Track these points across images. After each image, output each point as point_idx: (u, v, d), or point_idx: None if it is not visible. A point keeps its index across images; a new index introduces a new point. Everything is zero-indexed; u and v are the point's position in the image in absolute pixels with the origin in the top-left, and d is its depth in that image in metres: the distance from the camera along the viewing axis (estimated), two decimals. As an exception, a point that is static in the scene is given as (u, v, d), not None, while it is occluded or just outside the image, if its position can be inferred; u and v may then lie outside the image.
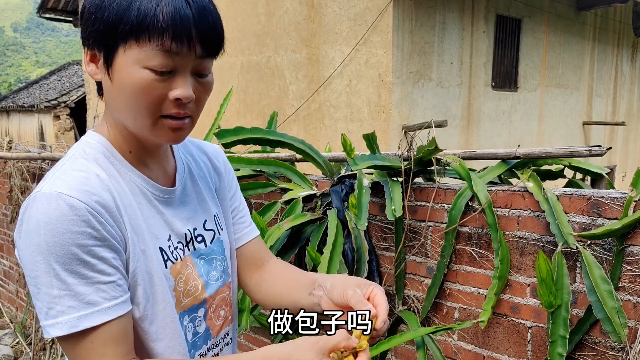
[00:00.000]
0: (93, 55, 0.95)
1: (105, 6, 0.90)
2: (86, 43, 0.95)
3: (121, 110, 0.97)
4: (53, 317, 0.89)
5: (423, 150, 2.18)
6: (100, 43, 0.92)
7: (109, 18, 0.89)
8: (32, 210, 0.89)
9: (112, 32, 0.90)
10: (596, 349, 1.85)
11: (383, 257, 2.43)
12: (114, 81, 0.94)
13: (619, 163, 9.85)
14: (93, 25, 0.91)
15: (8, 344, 5.43)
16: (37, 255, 0.88)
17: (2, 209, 5.96)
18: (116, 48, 0.91)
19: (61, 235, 0.87)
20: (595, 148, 2.05)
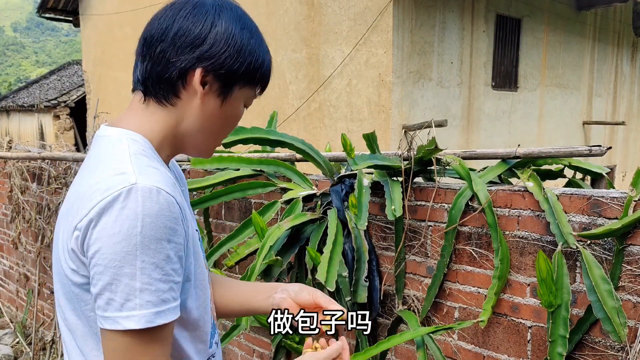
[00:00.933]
0: (206, 78, 1.04)
1: (246, 55, 1.05)
2: (210, 69, 1.03)
3: (204, 126, 1.08)
4: (130, 309, 0.90)
5: (423, 150, 2.18)
6: (228, 78, 1.05)
7: (244, 66, 1.05)
8: (130, 201, 0.90)
9: (245, 75, 1.07)
10: (596, 348, 1.85)
11: (383, 256, 2.43)
12: (223, 107, 1.08)
13: (619, 163, 9.85)
14: (235, 63, 1.04)
15: (8, 344, 5.43)
16: (127, 246, 0.89)
17: (2, 208, 5.96)
18: (236, 85, 1.07)
19: (158, 230, 0.90)
20: (595, 148, 2.04)
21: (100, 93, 10.37)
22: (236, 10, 1.07)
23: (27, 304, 5.51)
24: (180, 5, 1.05)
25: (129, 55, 9.59)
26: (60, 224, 1.03)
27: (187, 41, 1.02)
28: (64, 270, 0.98)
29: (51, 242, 4.76)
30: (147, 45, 1.07)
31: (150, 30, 1.07)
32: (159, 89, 1.05)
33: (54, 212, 4.68)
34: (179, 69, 1.03)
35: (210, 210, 3.22)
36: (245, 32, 1.06)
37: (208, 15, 1.03)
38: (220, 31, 1.03)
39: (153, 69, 1.05)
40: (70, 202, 1.00)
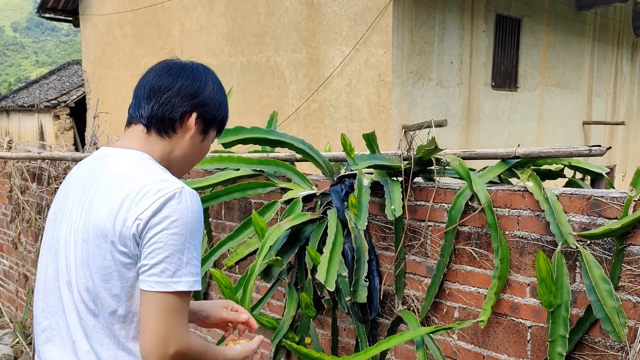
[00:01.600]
0: (197, 120, 1.44)
1: (222, 108, 1.51)
2: (201, 114, 1.44)
3: (188, 155, 1.47)
4: (179, 276, 1.24)
5: (423, 150, 2.18)
6: (210, 122, 1.48)
7: (220, 116, 1.50)
8: (183, 199, 1.27)
9: (219, 122, 1.51)
10: (596, 348, 1.86)
11: (383, 256, 2.43)
12: (202, 143, 1.49)
13: (619, 163, 9.86)
14: (216, 113, 1.48)
15: (8, 344, 5.43)
16: (182, 231, 1.25)
17: (2, 208, 5.96)
18: (212, 127, 1.50)
19: (198, 222, 1.29)
20: (595, 148, 2.05)
21: (100, 93, 10.37)
22: (214, 74, 1.52)
23: (27, 304, 5.51)
24: (179, 68, 1.44)
25: (128, 55, 9.61)
26: (93, 223, 1.29)
27: (189, 93, 1.42)
28: (111, 254, 1.26)
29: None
30: (155, 92, 1.41)
31: (156, 82, 1.42)
32: (161, 125, 1.41)
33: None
34: (181, 112, 1.41)
35: (210, 210, 3.22)
36: (222, 91, 1.52)
37: (201, 76, 1.45)
38: (210, 89, 1.46)
39: (159, 110, 1.40)
40: (114, 202, 1.27)
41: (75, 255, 1.31)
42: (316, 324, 2.74)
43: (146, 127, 1.41)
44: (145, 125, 1.41)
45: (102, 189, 1.31)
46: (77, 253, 1.31)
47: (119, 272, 1.27)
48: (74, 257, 1.32)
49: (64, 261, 1.34)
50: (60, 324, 1.36)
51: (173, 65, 1.44)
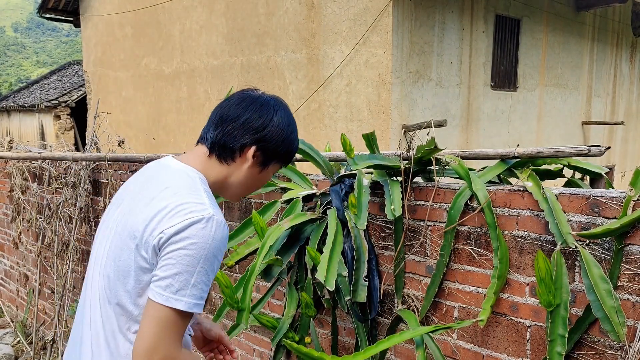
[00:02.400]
0: (256, 153, 1.50)
1: (287, 144, 1.55)
2: (261, 148, 1.50)
3: (243, 183, 1.55)
4: (181, 295, 1.31)
5: (422, 150, 2.19)
6: (270, 156, 1.53)
7: (283, 150, 1.55)
8: (208, 226, 1.33)
9: (281, 156, 1.56)
10: (595, 347, 1.86)
11: (382, 256, 2.43)
12: (260, 174, 1.56)
13: (618, 162, 9.86)
14: (279, 148, 1.53)
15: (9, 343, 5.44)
16: (197, 254, 1.31)
17: (2, 208, 5.96)
18: (273, 161, 1.55)
19: (217, 250, 1.35)
20: (594, 148, 2.05)
21: (101, 93, 10.38)
22: (286, 110, 1.57)
23: (27, 304, 5.51)
24: (251, 101, 1.51)
25: (129, 55, 9.62)
26: (130, 222, 1.39)
27: (252, 127, 1.49)
28: (134, 255, 1.36)
29: (52, 242, 4.76)
30: (222, 121, 1.51)
31: (226, 112, 1.51)
32: (222, 152, 1.50)
33: (54, 212, 4.69)
34: (241, 144, 1.49)
35: (210, 210, 3.22)
36: (290, 127, 1.56)
37: (269, 112, 1.51)
38: (275, 124, 1.50)
39: (222, 139, 1.50)
40: (151, 212, 1.36)
41: (109, 246, 1.44)
42: (316, 323, 2.75)
43: (209, 150, 1.52)
44: (208, 148, 1.52)
45: (148, 196, 1.42)
46: (110, 244, 1.44)
47: (136, 272, 1.37)
48: (109, 247, 1.45)
49: (102, 248, 1.48)
50: (86, 303, 1.51)
51: (246, 98, 1.53)
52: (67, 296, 4.56)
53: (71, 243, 4.54)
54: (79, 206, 4.40)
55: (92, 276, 1.50)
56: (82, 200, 4.38)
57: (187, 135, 8.37)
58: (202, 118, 8.06)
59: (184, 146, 8.19)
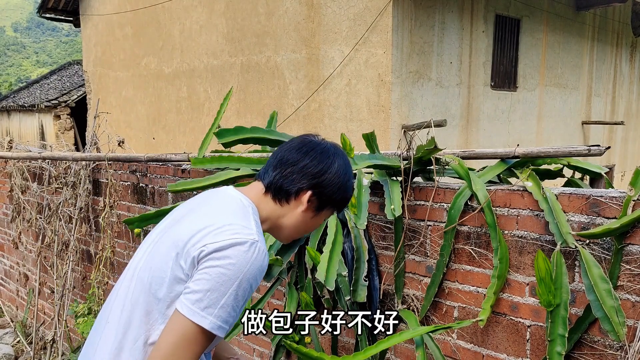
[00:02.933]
0: (311, 198, 1.52)
1: (343, 191, 1.56)
2: (317, 194, 1.52)
3: (295, 226, 1.57)
4: (207, 313, 1.30)
5: (422, 150, 2.19)
6: (325, 202, 1.55)
7: (338, 197, 1.56)
8: (251, 250, 1.33)
9: (336, 202, 1.58)
10: (595, 347, 1.86)
11: (382, 256, 2.43)
12: (313, 218, 1.57)
13: (618, 162, 9.86)
14: (334, 195, 1.55)
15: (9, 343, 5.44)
16: (232, 276, 1.30)
17: (2, 208, 5.96)
18: (327, 206, 1.57)
19: (253, 277, 1.34)
20: (594, 147, 2.05)
21: (101, 93, 10.38)
22: (345, 158, 1.59)
23: (27, 303, 5.51)
24: (312, 146, 1.54)
25: (129, 55, 9.62)
26: (175, 232, 1.42)
27: (310, 173, 1.51)
28: (171, 263, 1.36)
29: (52, 242, 4.77)
30: (281, 164, 1.53)
31: (286, 155, 1.54)
32: (277, 193, 1.53)
33: (54, 212, 4.69)
34: (298, 188, 1.51)
35: (210, 210, 3.22)
36: (347, 175, 1.57)
37: (329, 159, 1.53)
38: (333, 172, 1.53)
39: (279, 180, 1.52)
40: (198, 226, 1.38)
41: (149, 251, 1.47)
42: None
43: (265, 188, 1.55)
44: (265, 187, 1.55)
45: (198, 213, 1.47)
46: (151, 250, 1.47)
47: (170, 281, 1.36)
48: (148, 252, 1.47)
49: (142, 253, 1.50)
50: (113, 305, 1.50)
51: (307, 143, 1.56)
52: (67, 296, 4.56)
53: (71, 243, 4.54)
54: (79, 206, 4.40)
55: (123, 280, 1.50)
56: (82, 200, 4.38)
57: (187, 135, 8.37)
58: (202, 118, 8.07)
59: (183, 146, 8.19)
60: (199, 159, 2.79)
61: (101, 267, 4.18)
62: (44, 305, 5.36)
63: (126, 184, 4.05)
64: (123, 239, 4.19)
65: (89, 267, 4.58)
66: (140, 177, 3.89)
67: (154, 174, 3.74)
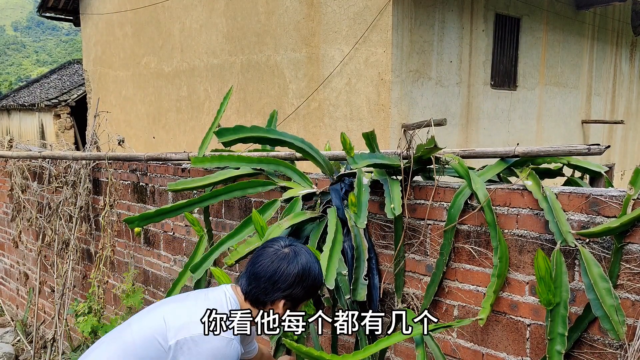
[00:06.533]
0: (287, 304, 1.82)
1: (314, 289, 1.88)
2: (289, 301, 1.82)
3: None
4: None
5: (422, 149, 2.19)
6: (298, 302, 1.85)
7: (309, 295, 1.88)
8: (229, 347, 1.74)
9: (309, 297, 1.88)
10: (595, 346, 1.86)
11: (382, 255, 2.43)
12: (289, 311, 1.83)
13: (618, 161, 9.86)
14: (306, 296, 1.86)
15: (9, 342, 5.44)
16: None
17: (3, 207, 5.97)
18: (301, 303, 1.87)
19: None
20: (594, 146, 2.05)
21: (101, 92, 10.38)
22: (306, 255, 1.85)
23: (27, 303, 5.52)
24: (279, 261, 1.81)
25: (129, 54, 9.62)
26: (170, 312, 1.79)
27: (280, 287, 1.79)
28: (154, 336, 1.73)
29: (52, 241, 4.77)
30: (256, 278, 1.82)
31: (259, 270, 1.82)
32: (255, 302, 1.83)
33: (54, 211, 4.69)
34: (271, 299, 1.81)
35: (210, 208, 3.23)
36: (312, 271, 1.83)
37: (294, 267, 1.79)
38: (299, 280, 1.80)
39: (255, 292, 1.82)
40: (190, 313, 1.75)
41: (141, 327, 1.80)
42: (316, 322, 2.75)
43: (245, 297, 1.86)
44: (243, 295, 1.86)
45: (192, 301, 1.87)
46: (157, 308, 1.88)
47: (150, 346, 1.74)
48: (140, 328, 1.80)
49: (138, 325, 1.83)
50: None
51: (274, 258, 1.82)
52: (67, 295, 4.57)
53: (71, 242, 4.54)
54: (79, 205, 4.40)
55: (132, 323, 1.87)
56: (82, 199, 4.38)
57: (187, 134, 8.37)
58: (202, 117, 8.07)
59: (184, 145, 8.19)
60: (199, 158, 2.79)
61: (101, 266, 4.18)
62: (44, 304, 5.37)
63: (126, 183, 4.05)
64: (123, 238, 4.19)
65: (89, 266, 4.58)
66: (140, 176, 3.89)
67: (154, 173, 3.74)
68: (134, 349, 1.74)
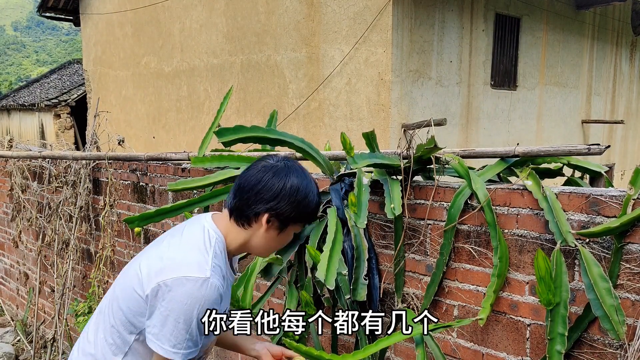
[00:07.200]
0: (270, 219, 1.64)
1: (301, 207, 1.65)
2: (274, 215, 1.63)
3: (263, 245, 1.71)
4: (178, 348, 1.54)
5: (422, 149, 2.19)
6: (285, 220, 1.65)
7: (297, 214, 1.65)
8: (203, 288, 1.53)
9: (298, 219, 1.68)
10: (595, 346, 1.86)
11: (382, 255, 2.43)
12: (279, 236, 1.69)
13: (618, 161, 9.86)
14: (292, 213, 1.64)
15: (9, 342, 5.44)
16: (188, 312, 1.52)
17: (2, 207, 5.97)
18: (290, 224, 1.67)
19: (208, 307, 1.54)
20: (594, 146, 2.05)
21: (101, 92, 10.38)
22: (300, 174, 1.66)
23: (27, 302, 5.52)
24: (266, 170, 1.64)
25: (129, 54, 9.62)
26: (153, 257, 1.64)
27: (264, 197, 1.62)
28: (137, 282, 1.60)
29: (52, 241, 4.77)
30: (240, 190, 1.66)
31: (243, 181, 1.66)
32: (239, 218, 1.67)
33: (54, 211, 4.69)
34: (255, 212, 1.64)
35: (210, 208, 3.22)
36: (303, 192, 1.65)
37: (281, 180, 1.62)
38: (286, 193, 1.62)
39: (239, 206, 1.66)
40: (166, 255, 1.61)
41: (123, 280, 1.69)
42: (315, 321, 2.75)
43: (229, 214, 1.70)
44: (229, 213, 1.70)
45: (166, 245, 1.68)
46: (132, 264, 1.70)
47: (131, 301, 1.62)
48: (122, 281, 1.69)
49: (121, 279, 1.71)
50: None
51: (262, 168, 1.66)
52: (67, 295, 4.57)
53: (71, 242, 4.54)
54: (79, 205, 4.41)
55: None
56: (82, 199, 4.38)
57: (187, 134, 8.37)
58: (202, 117, 8.06)
59: (184, 145, 8.19)
60: (199, 158, 2.79)
61: (101, 266, 4.18)
62: (44, 304, 5.37)
63: (126, 183, 4.05)
64: (123, 238, 4.19)
65: (89, 266, 4.58)
66: (140, 176, 3.89)
67: (154, 173, 3.74)
68: (118, 307, 1.65)
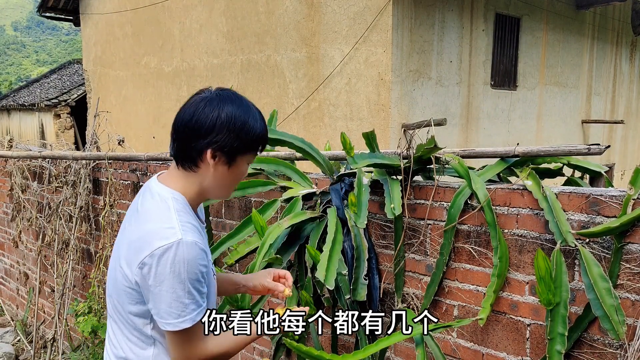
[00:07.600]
0: (215, 154, 1.49)
1: (243, 134, 1.50)
2: (217, 149, 1.48)
3: (218, 184, 1.56)
4: (183, 316, 1.47)
5: (422, 149, 2.19)
6: (231, 152, 1.50)
7: (240, 143, 1.50)
8: (179, 251, 1.43)
9: (244, 148, 1.52)
10: (595, 346, 1.86)
11: (382, 255, 2.43)
12: (230, 170, 1.53)
13: (618, 161, 9.86)
14: (235, 143, 1.49)
15: (9, 342, 5.44)
16: (177, 278, 1.44)
17: (2, 207, 5.97)
18: (238, 155, 1.52)
19: (195, 268, 1.46)
20: (594, 146, 2.05)
21: (101, 92, 10.37)
22: (234, 101, 1.51)
23: (27, 302, 5.52)
24: (197, 104, 1.50)
25: (129, 54, 9.61)
26: (124, 246, 1.56)
27: (200, 132, 1.48)
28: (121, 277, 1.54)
29: (52, 241, 4.77)
30: (176, 131, 1.53)
31: (177, 122, 1.53)
32: (185, 162, 1.53)
33: (54, 211, 4.69)
34: (196, 150, 1.49)
35: (210, 208, 3.23)
36: (241, 118, 1.49)
37: (214, 111, 1.47)
38: (223, 122, 1.47)
39: (180, 148, 1.53)
40: (134, 237, 1.51)
41: (113, 283, 1.62)
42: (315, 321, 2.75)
43: (176, 162, 1.57)
44: (175, 161, 1.57)
45: (130, 228, 1.58)
46: (111, 262, 1.64)
47: (125, 291, 1.56)
48: (112, 283, 1.63)
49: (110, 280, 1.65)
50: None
51: (193, 103, 1.52)
52: (68, 295, 4.57)
53: (71, 242, 4.54)
54: (79, 205, 4.40)
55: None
56: (82, 199, 4.38)
57: (187, 134, 8.36)
58: (202, 117, 8.05)
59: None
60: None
61: (101, 266, 4.18)
62: (44, 304, 5.37)
63: (126, 182, 4.05)
64: (123, 238, 4.18)
65: (89, 266, 4.58)
66: (140, 176, 3.89)
67: (154, 173, 3.74)
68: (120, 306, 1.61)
